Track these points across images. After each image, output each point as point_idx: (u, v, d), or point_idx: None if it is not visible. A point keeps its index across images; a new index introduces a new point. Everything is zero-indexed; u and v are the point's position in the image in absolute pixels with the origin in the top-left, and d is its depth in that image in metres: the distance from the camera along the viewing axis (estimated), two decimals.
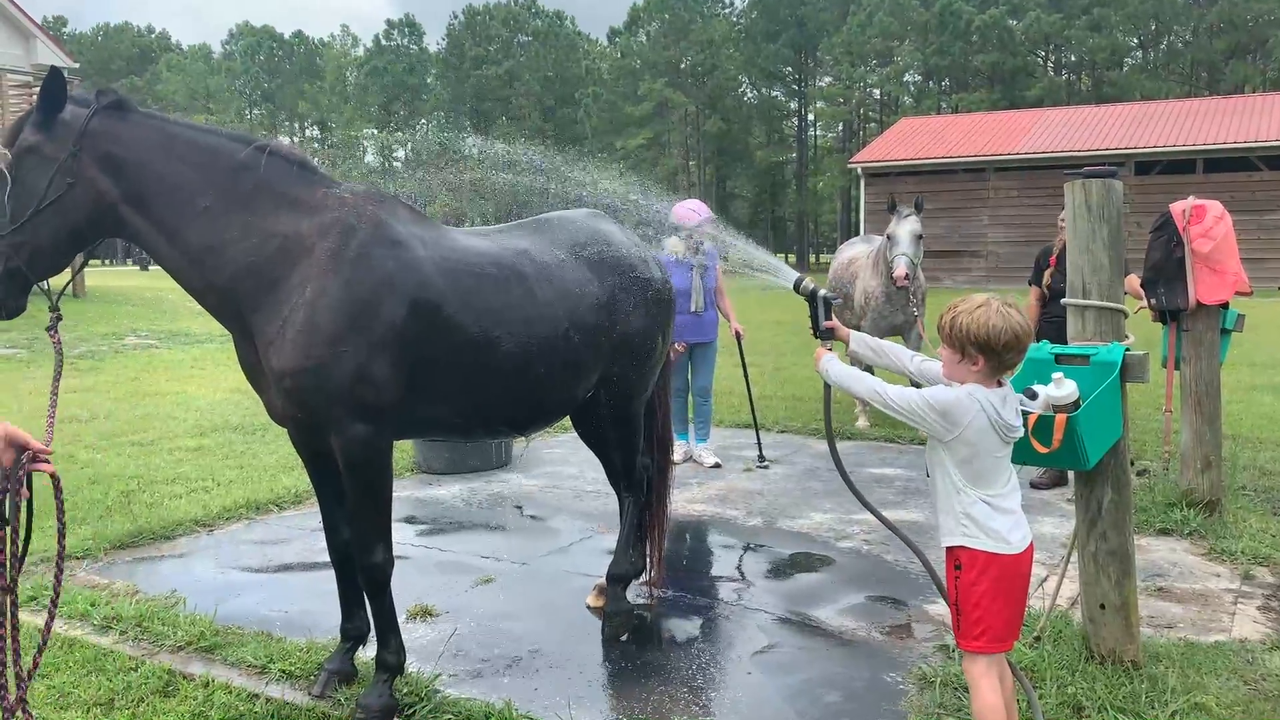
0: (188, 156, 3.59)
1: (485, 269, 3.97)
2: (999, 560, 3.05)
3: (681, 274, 7.74)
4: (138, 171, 3.52)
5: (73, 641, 4.43)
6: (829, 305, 3.55)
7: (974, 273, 35.81)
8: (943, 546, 3.19)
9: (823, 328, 3.52)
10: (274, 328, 3.56)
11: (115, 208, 3.51)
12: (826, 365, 3.42)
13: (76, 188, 3.44)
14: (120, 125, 3.53)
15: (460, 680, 4.12)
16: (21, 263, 3.38)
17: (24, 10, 26.69)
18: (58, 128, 3.44)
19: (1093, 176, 4.04)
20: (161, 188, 3.54)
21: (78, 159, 3.44)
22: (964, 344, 3.02)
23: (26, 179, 3.39)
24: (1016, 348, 3.01)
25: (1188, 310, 5.98)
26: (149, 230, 3.56)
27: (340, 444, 3.66)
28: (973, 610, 3.08)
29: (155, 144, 3.56)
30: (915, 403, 3.07)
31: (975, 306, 3.02)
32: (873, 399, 3.19)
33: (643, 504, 5.00)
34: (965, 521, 3.08)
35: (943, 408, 3.02)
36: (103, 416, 10.18)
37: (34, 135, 3.42)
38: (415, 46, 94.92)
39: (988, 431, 3.03)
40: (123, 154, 3.50)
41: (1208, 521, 6.05)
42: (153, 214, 3.54)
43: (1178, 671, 3.94)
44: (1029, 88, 61.37)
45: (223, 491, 7.13)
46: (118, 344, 16.69)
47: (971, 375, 3.07)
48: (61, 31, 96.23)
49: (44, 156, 3.42)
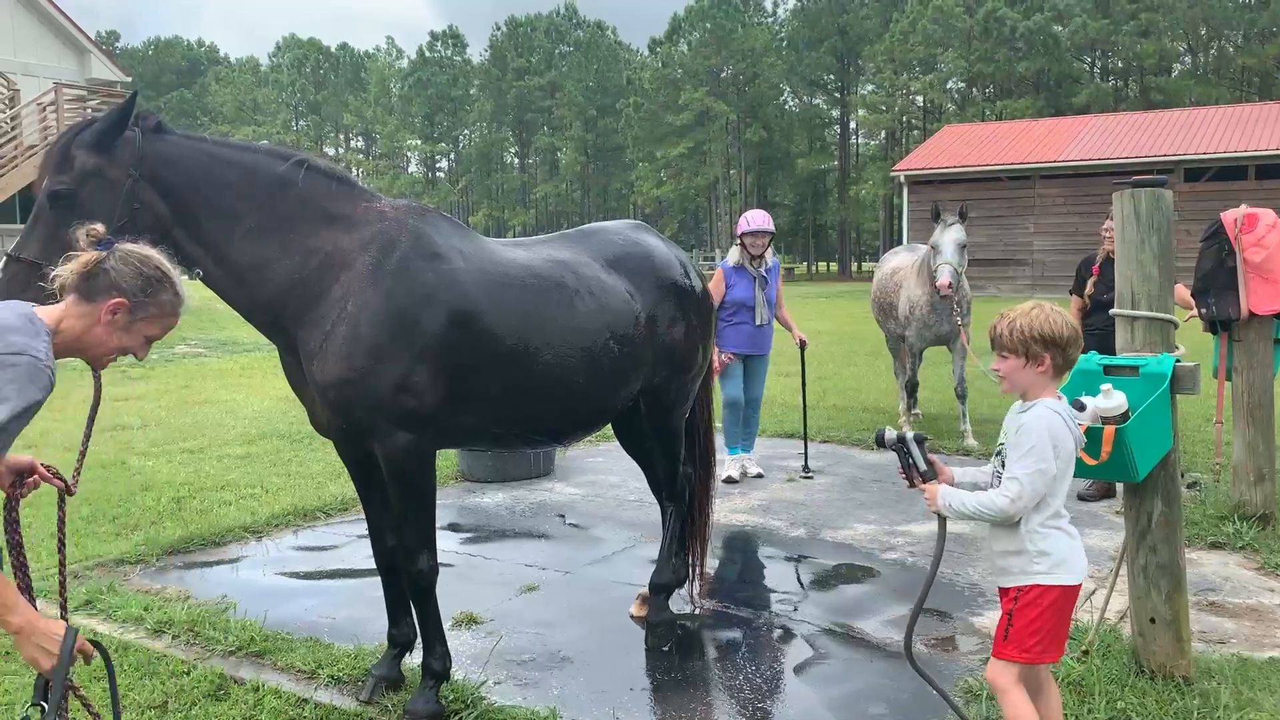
0: (229, 177, 3.59)
1: (525, 280, 4.00)
2: (1069, 591, 3.06)
3: (744, 284, 7.77)
4: (187, 194, 3.51)
5: (127, 645, 4.52)
6: (922, 444, 3.19)
7: (1019, 281, 35.44)
8: (1004, 587, 3.13)
9: (924, 468, 3.17)
10: (317, 341, 3.62)
11: (169, 230, 3.49)
12: (952, 500, 3.09)
13: (141, 212, 3.42)
14: (166, 148, 3.52)
15: (505, 687, 4.16)
16: None
17: (79, 26, 27.32)
18: (116, 150, 3.40)
19: (1141, 186, 4.00)
20: (208, 210, 3.55)
21: (139, 183, 3.42)
22: (1028, 344, 3.01)
23: (89, 203, 3.31)
24: (1076, 343, 3.06)
25: (1239, 320, 5.89)
26: (198, 253, 3.58)
27: (384, 452, 3.71)
28: (1030, 630, 3.04)
29: (199, 166, 3.56)
30: (1034, 460, 2.95)
31: (1029, 309, 3.06)
32: (1010, 509, 2.97)
33: (685, 513, 5.01)
34: (1038, 559, 3.03)
35: (1049, 440, 2.96)
36: (154, 424, 10.38)
37: (93, 158, 3.36)
38: (459, 57, 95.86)
39: (1071, 442, 3.05)
40: (171, 177, 3.49)
41: (1261, 535, 5.94)
42: (201, 236, 3.56)
43: (1230, 688, 3.88)
44: (1075, 94, 60.61)
45: (271, 499, 7.24)
46: (168, 352, 16.99)
47: (1037, 379, 3.05)
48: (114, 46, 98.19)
49: (107, 180, 3.37)
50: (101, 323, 2.60)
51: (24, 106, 22.53)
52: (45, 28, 26.55)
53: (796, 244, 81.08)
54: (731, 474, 7.82)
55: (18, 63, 25.33)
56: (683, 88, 69.95)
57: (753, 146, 71.84)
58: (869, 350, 16.51)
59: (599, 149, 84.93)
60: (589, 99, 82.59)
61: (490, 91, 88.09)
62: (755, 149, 72.28)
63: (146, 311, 2.65)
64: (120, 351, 2.71)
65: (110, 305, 2.58)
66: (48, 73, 25.75)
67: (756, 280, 7.78)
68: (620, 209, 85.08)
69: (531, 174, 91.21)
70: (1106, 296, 6.40)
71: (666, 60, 74.43)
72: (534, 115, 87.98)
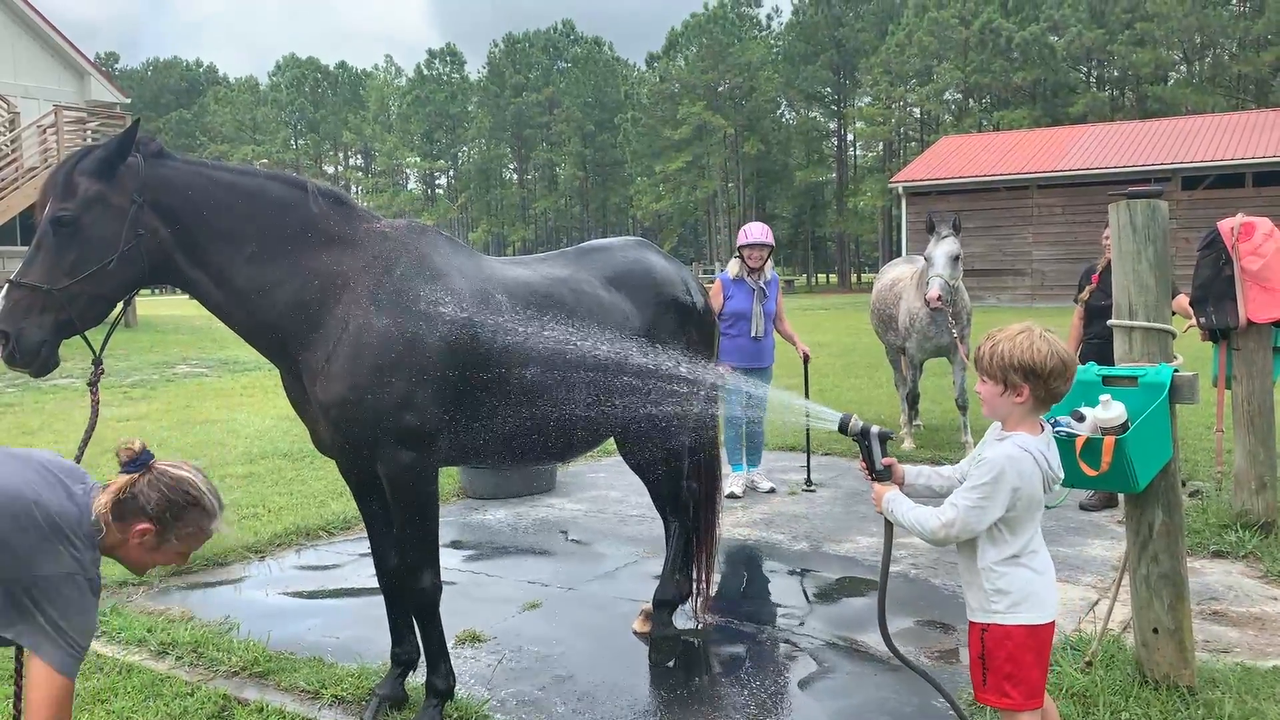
0: (231, 201, 3.59)
1: (526, 299, 4.02)
2: (1036, 630, 2.89)
3: (742, 296, 7.79)
4: (189, 219, 3.51)
5: (130, 667, 4.51)
6: (884, 441, 3.14)
7: (1018, 291, 35.49)
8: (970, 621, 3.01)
9: (880, 466, 3.12)
10: (320, 361, 3.64)
11: (171, 255, 3.51)
12: (894, 508, 3.02)
13: (145, 238, 3.42)
14: (168, 173, 3.51)
15: (509, 705, 4.15)
16: (74, 314, 3.31)
17: (78, 48, 27.44)
18: (119, 176, 3.39)
19: (1137, 196, 4.02)
20: (210, 234, 3.55)
21: (142, 209, 3.42)
22: (1006, 372, 2.83)
23: (93, 229, 3.32)
24: (1063, 375, 2.83)
25: (1238, 329, 5.91)
26: (200, 278, 3.58)
27: (387, 471, 3.73)
28: (1003, 673, 2.90)
29: (201, 190, 3.55)
30: (978, 497, 2.82)
31: (1015, 333, 2.85)
32: (939, 534, 2.89)
33: (689, 529, 5.01)
34: (995, 597, 2.89)
35: (1005, 483, 2.80)
36: (155, 444, 10.32)
37: (97, 184, 3.35)
38: (456, 75, 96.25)
39: (1039, 485, 2.86)
40: (174, 202, 3.48)
41: (1264, 543, 5.94)
42: (203, 261, 3.56)
43: (1234, 697, 3.87)
44: (1071, 104, 60.76)
45: (273, 518, 7.23)
46: (169, 372, 17.01)
47: (1014, 409, 2.88)
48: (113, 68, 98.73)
49: (111, 206, 3.36)
50: (131, 543, 2.73)
51: (24, 129, 22.60)
52: (44, 50, 26.67)
53: (795, 256, 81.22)
54: (734, 490, 7.81)
55: (18, 85, 25.44)
56: (680, 102, 70.20)
57: (751, 159, 72.05)
58: (869, 363, 16.52)
59: (597, 164, 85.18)
60: (587, 114, 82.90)
61: (489, 108, 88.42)
62: (753, 162, 72.50)
63: (175, 533, 2.77)
64: (156, 564, 2.86)
65: (138, 530, 2.71)
66: (47, 95, 25.86)
67: (755, 293, 7.80)
68: (619, 223, 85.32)
69: (530, 189, 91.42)
70: (1103, 304, 6.42)
71: (664, 75, 74.70)
72: (532, 131, 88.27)
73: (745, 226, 8.06)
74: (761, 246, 7.82)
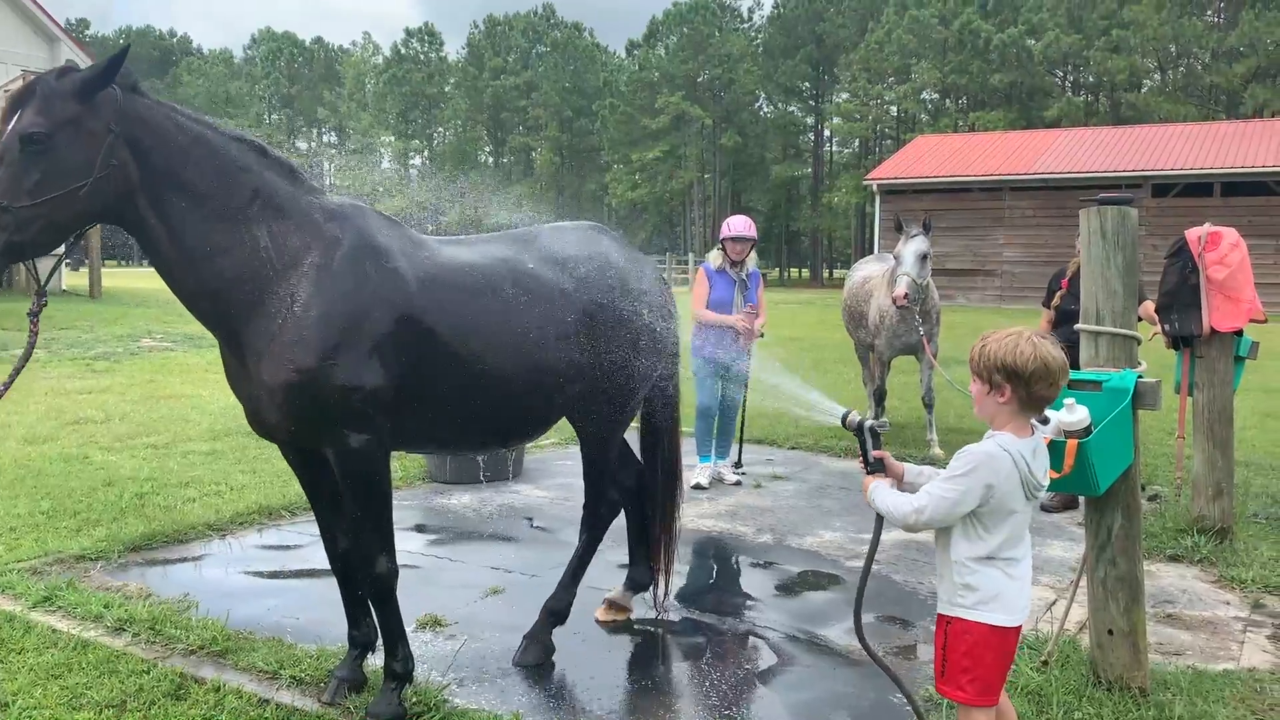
0: (195, 152, 3.46)
1: (467, 278, 3.94)
2: (1000, 632, 2.93)
3: (723, 286, 7.80)
4: (158, 161, 3.38)
5: (86, 643, 4.46)
6: (877, 435, 3.21)
7: (988, 291, 35.80)
8: (938, 612, 3.06)
9: (872, 459, 3.17)
10: (264, 341, 3.53)
11: (134, 195, 3.37)
12: (875, 495, 3.08)
13: (115, 171, 3.29)
14: (144, 110, 3.39)
15: (469, 690, 4.15)
16: (27, 238, 3.17)
17: (48, 13, 26.96)
18: (97, 102, 3.24)
19: (1108, 203, 4.06)
20: (175, 184, 3.41)
21: (117, 140, 3.28)
22: (990, 372, 2.90)
23: (64, 151, 3.18)
24: (1046, 379, 2.87)
25: (1201, 337, 5.98)
26: (155, 225, 3.43)
27: (337, 454, 3.66)
28: (961, 667, 2.95)
29: (170, 133, 3.42)
30: (950, 488, 2.88)
31: (1005, 335, 2.92)
32: (909, 520, 2.95)
33: (596, 542, 4.91)
34: (963, 592, 2.94)
35: (979, 478, 2.85)
36: (118, 418, 10.25)
37: (74, 105, 3.19)
38: (435, 55, 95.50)
39: (1017, 487, 2.89)
40: (146, 140, 3.36)
41: (1218, 549, 6.04)
42: (162, 208, 3.41)
43: (1185, 699, 3.94)
44: (1047, 108, 61.30)
45: (235, 496, 7.17)
46: (134, 346, 16.79)
47: (999, 409, 2.94)
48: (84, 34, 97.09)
49: (86, 130, 3.22)
50: None
51: None
52: (14, 14, 26.16)
53: (769, 250, 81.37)
54: (700, 481, 7.82)
55: None
56: (659, 91, 70.11)
57: (728, 152, 72.11)
58: (838, 358, 16.59)
59: (574, 150, 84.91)
60: (565, 100, 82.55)
61: (466, 90, 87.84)
62: (730, 154, 72.56)
63: None
64: None
65: None
66: (16, 60, 25.35)
67: (737, 284, 7.80)
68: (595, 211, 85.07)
69: (506, 173, 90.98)
70: (1072, 309, 6.48)
71: (643, 63, 74.59)
72: (509, 115, 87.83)
73: (729, 219, 8.04)
74: (744, 240, 7.82)
